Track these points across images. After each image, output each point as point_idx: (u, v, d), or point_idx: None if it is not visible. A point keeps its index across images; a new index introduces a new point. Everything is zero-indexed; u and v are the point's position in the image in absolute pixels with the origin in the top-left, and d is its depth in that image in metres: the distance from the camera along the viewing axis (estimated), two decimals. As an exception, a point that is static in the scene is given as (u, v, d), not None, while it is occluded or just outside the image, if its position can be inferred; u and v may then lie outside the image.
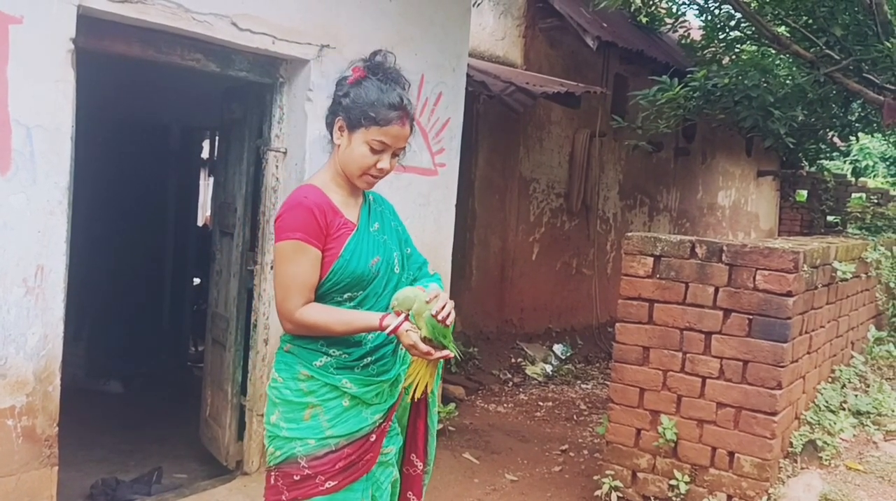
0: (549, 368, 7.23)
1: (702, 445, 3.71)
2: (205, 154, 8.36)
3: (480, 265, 7.43)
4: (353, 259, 2.14)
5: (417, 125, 2.24)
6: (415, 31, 4.34)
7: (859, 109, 8.14)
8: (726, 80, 6.52)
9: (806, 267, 3.72)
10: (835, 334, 4.62)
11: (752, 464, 3.58)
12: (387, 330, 2.08)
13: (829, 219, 11.87)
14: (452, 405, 5.33)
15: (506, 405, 6.08)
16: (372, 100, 2.12)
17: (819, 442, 3.94)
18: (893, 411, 4.51)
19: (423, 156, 4.48)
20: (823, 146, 11.47)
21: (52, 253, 3.00)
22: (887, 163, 17.19)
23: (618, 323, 3.97)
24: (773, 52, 7.27)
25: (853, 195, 12.33)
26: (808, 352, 4.04)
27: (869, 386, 4.75)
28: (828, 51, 6.41)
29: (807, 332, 3.96)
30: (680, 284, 3.78)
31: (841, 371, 4.70)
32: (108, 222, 6.16)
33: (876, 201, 11.83)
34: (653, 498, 3.82)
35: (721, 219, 11.75)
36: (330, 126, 2.22)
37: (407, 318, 2.08)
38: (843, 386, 4.58)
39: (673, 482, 3.73)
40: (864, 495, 3.65)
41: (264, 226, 4.06)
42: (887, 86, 6.20)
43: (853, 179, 12.48)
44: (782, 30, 7.09)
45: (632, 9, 8.99)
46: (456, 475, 4.43)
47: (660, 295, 3.83)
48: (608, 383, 5.16)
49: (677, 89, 6.56)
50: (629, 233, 4.01)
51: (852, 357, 4.93)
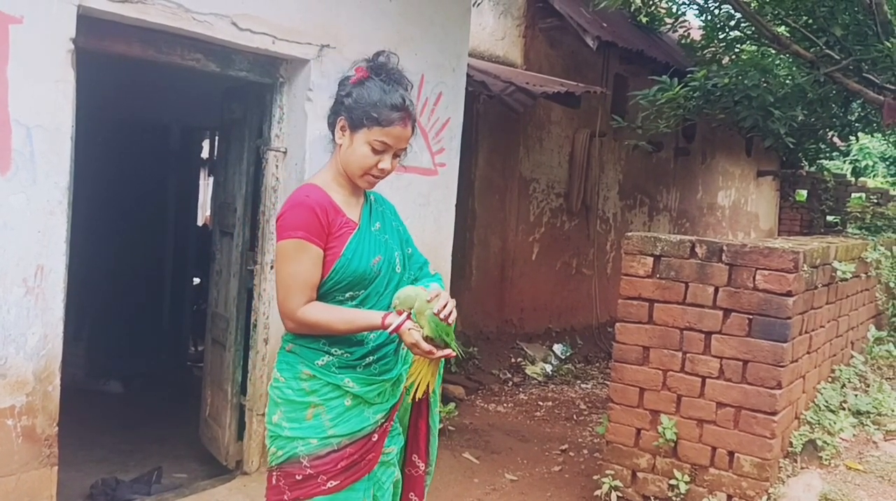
0: (549, 368, 7.24)
1: (702, 445, 3.71)
2: (205, 154, 8.36)
3: (480, 265, 7.44)
4: (355, 258, 2.14)
5: (418, 125, 2.24)
6: (415, 31, 4.35)
7: (859, 109, 8.14)
8: (726, 80, 6.52)
9: (806, 267, 3.72)
10: (835, 334, 4.62)
11: (751, 464, 3.58)
12: (389, 329, 2.08)
13: (829, 218, 11.87)
14: (452, 405, 5.33)
15: (506, 405, 6.08)
16: (374, 100, 2.12)
17: (819, 442, 3.94)
18: (893, 411, 4.51)
19: (423, 156, 4.48)
20: (823, 146, 11.48)
21: (52, 253, 3.00)
22: (887, 162, 17.18)
23: (618, 323, 3.97)
24: (773, 52, 7.27)
25: (853, 195, 12.33)
26: (808, 352, 4.05)
27: (869, 386, 4.75)
28: (828, 51, 6.41)
29: (807, 332, 3.96)
30: (680, 284, 3.78)
31: (841, 370, 4.70)
32: (108, 222, 6.17)
33: (876, 201, 11.82)
34: (653, 498, 3.82)
35: (721, 218, 11.75)
36: (332, 125, 2.22)
37: (409, 317, 2.08)
38: (843, 386, 4.58)
39: (673, 481, 3.74)
40: (864, 495, 3.65)
41: (264, 226, 4.07)
42: (887, 86, 6.20)
43: (853, 179, 12.49)
44: (782, 30, 7.09)
45: (632, 9, 8.99)
46: (456, 474, 4.43)
47: (660, 294, 3.83)
48: (608, 383, 5.15)
49: (677, 89, 6.56)
50: (629, 233, 4.01)
51: (852, 356, 4.93)
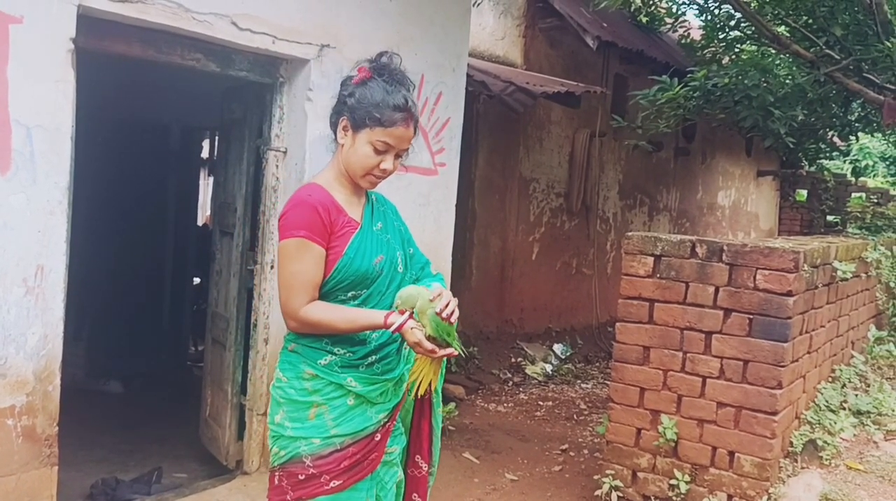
0: (549, 368, 7.24)
1: (702, 445, 3.71)
2: (205, 154, 8.36)
3: (480, 265, 7.43)
4: (357, 257, 2.14)
5: (418, 125, 2.24)
6: (415, 31, 4.34)
7: (859, 109, 8.14)
8: (726, 80, 6.52)
9: (806, 267, 3.72)
10: (835, 333, 4.62)
11: (752, 464, 3.58)
12: (391, 328, 2.08)
13: (829, 218, 11.87)
14: (452, 404, 5.33)
15: (506, 404, 6.08)
16: (377, 100, 2.12)
17: (819, 442, 3.94)
18: (894, 410, 4.51)
19: (423, 155, 4.48)
20: (823, 146, 11.48)
21: (52, 253, 3.00)
22: (887, 162, 17.18)
23: (618, 323, 3.97)
24: (773, 51, 7.27)
25: (853, 195, 12.33)
26: (809, 352, 4.04)
27: (869, 386, 4.75)
28: (828, 50, 6.41)
29: (807, 332, 3.96)
30: (680, 284, 3.77)
31: (841, 370, 4.70)
32: (108, 222, 6.17)
33: (876, 201, 11.82)
34: (653, 498, 3.82)
35: (721, 218, 11.75)
36: (334, 125, 2.22)
37: (411, 316, 2.08)
38: (844, 386, 4.58)
39: (673, 481, 3.73)
40: (865, 494, 3.65)
41: (264, 226, 4.07)
42: (887, 85, 6.20)
43: (853, 179, 12.48)
44: (782, 29, 7.09)
45: (632, 9, 8.99)
46: (456, 474, 4.43)
47: (660, 294, 3.82)
48: (608, 383, 5.15)
49: (677, 89, 6.56)
50: (629, 233, 4.01)
51: (852, 356, 4.93)
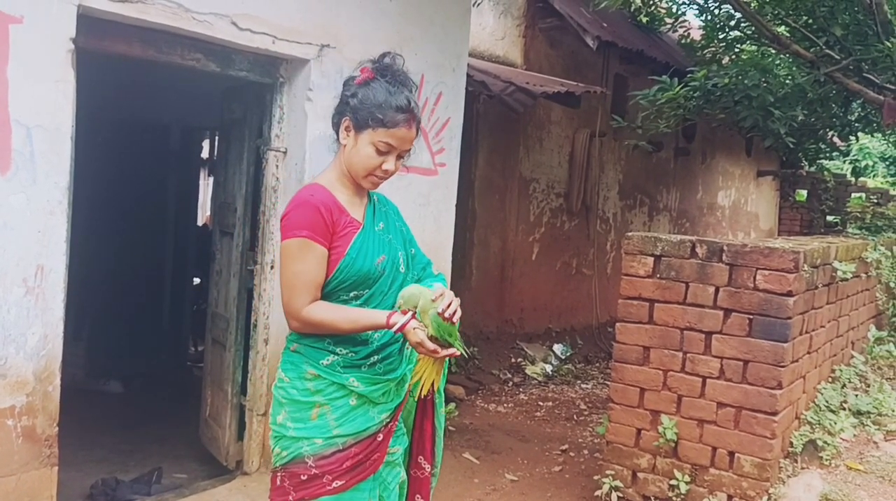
0: (549, 368, 7.23)
1: (702, 445, 3.71)
2: (205, 154, 8.36)
3: (480, 265, 7.43)
4: (360, 257, 2.14)
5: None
6: (415, 31, 4.34)
7: (859, 109, 8.14)
8: (726, 80, 6.52)
9: (806, 267, 3.72)
10: (835, 334, 4.62)
11: (752, 464, 3.58)
12: (394, 328, 2.08)
13: (829, 218, 11.87)
14: (452, 405, 5.34)
15: (506, 405, 6.08)
16: (380, 101, 2.12)
17: (819, 442, 3.94)
18: (894, 411, 4.51)
19: (423, 156, 4.48)
20: (823, 146, 11.48)
21: (52, 253, 3.00)
22: (887, 162, 17.18)
23: (618, 323, 3.97)
24: (773, 51, 7.27)
25: (853, 195, 12.33)
26: (809, 352, 4.04)
27: (869, 386, 4.75)
28: (828, 51, 6.41)
29: (807, 332, 3.96)
30: (680, 284, 3.77)
31: (841, 370, 4.69)
32: (108, 222, 6.17)
33: (876, 201, 11.82)
34: (653, 498, 3.82)
35: (721, 218, 11.75)
36: (336, 126, 2.22)
37: (413, 316, 2.08)
38: (844, 386, 4.58)
39: (673, 482, 3.73)
40: (865, 495, 3.65)
41: (264, 226, 4.06)
42: (887, 85, 6.20)
43: (853, 179, 12.48)
44: (782, 30, 7.09)
45: (632, 9, 8.99)
46: (456, 475, 4.43)
47: (660, 294, 3.82)
48: (608, 383, 5.15)
49: (677, 89, 6.56)
50: (629, 233, 4.01)
51: (852, 356, 4.93)
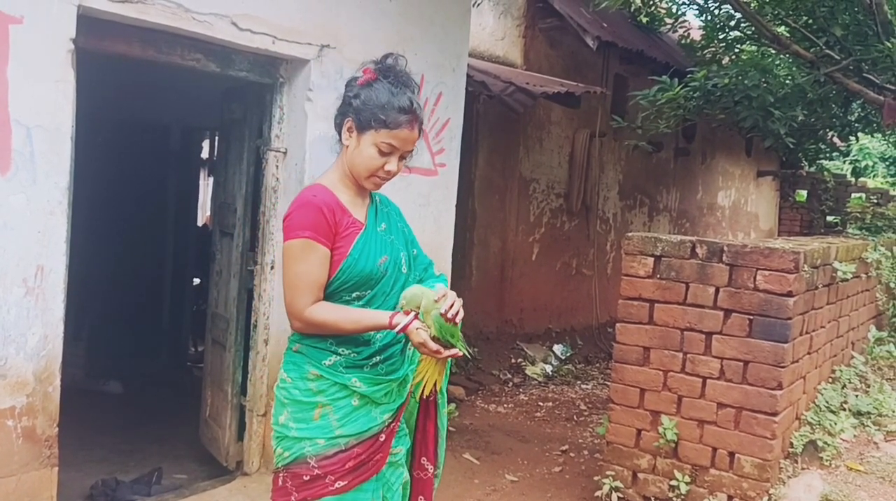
0: (549, 368, 7.23)
1: (702, 445, 3.71)
2: (205, 154, 8.36)
3: (480, 265, 7.43)
4: (362, 258, 2.14)
5: (420, 127, 2.24)
6: (415, 31, 4.34)
7: (859, 109, 8.14)
8: (726, 80, 6.52)
9: (806, 268, 3.72)
10: (835, 334, 4.62)
11: (752, 465, 3.58)
12: (396, 329, 2.08)
13: (829, 219, 11.87)
14: (452, 405, 5.33)
15: (506, 405, 6.08)
16: (382, 102, 2.12)
17: (820, 443, 3.94)
18: (894, 411, 4.51)
19: (423, 156, 4.47)
20: (823, 146, 11.47)
21: (52, 254, 2.99)
22: (887, 163, 17.19)
23: (618, 324, 3.97)
24: (773, 52, 7.27)
25: (853, 195, 12.33)
26: (809, 353, 4.04)
27: (869, 387, 4.75)
28: (828, 51, 6.41)
29: (807, 332, 3.96)
30: (680, 284, 3.77)
31: (841, 371, 4.69)
32: (108, 222, 6.17)
33: (876, 201, 11.82)
34: (653, 499, 3.81)
35: (721, 219, 11.75)
36: (339, 126, 2.22)
37: (416, 317, 2.08)
38: (844, 387, 4.58)
39: (673, 482, 3.73)
40: (865, 495, 3.65)
41: (264, 226, 4.06)
42: (887, 86, 6.20)
43: (853, 179, 12.48)
44: (782, 30, 7.09)
45: (632, 9, 8.98)
46: (456, 475, 4.43)
47: (660, 295, 3.82)
48: (608, 383, 5.15)
49: (677, 89, 6.55)
50: (629, 234, 4.01)
51: (853, 357, 4.93)
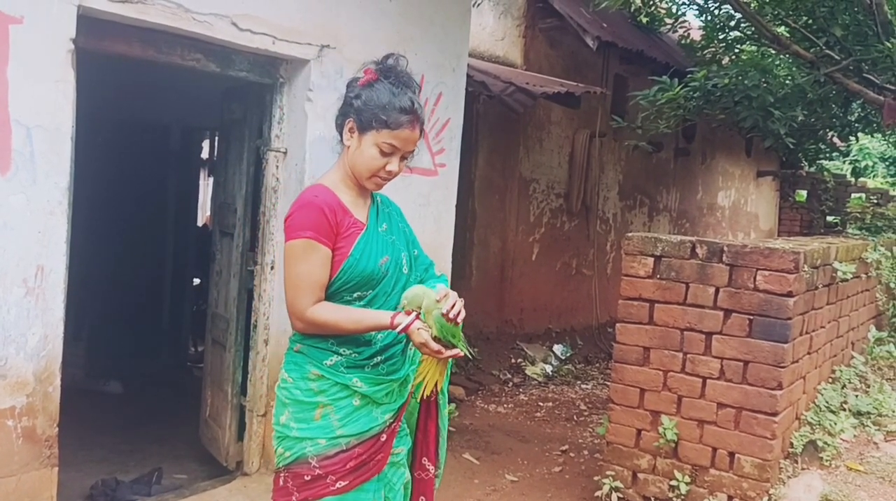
0: (549, 368, 7.23)
1: (702, 445, 3.71)
2: (205, 154, 8.36)
3: (480, 265, 7.43)
4: (363, 258, 2.15)
5: (420, 127, 2.24)
6: (415, 31, 4.34)
7: (859, 109, 8.14)
8: (726, 81, 6.51)
9: (806, 268, 3.72)
10: (835, 334, 4.62)
11: (752, 465, 3.58)
12: (398, 329, 2.09)
13: (829, 219, 11.87)
14: (452, 405, 5.33)
15: (506, 405, 6.08)
16: (383, 103, 2.13)
17: (820, 443, 3.94)
18: (894, 411, 4.51)
19: (423, 156, 4.47)
20: (823, 146, 11.48)
21: (52, 254, 2.99)
22: (887, 163, 17.20)
23: (618, 324, 3.97)
24: (773, 52, 7.27)
25: (853, 195, 12.34)
26: (809, 353, 4.04)
27: (869, 387, 4.75)
28: (828, 51, 6.41)
29: (807, 333, 3.96)
30: (680, 284, 3.77)
31: (841, 371, 4.69)
32: (108, 222, 6.17)
33: (876, 201, 11.83)
34: (653, 499, 3.81)
35: (721, 219, 11.75)
36: (340, 127, 2.22)
37: (418, 317, 2.08)
38: (844, 387, 4.58)
39: (673, 482, 3.73)
40: (865, 495, 3.65)
41: (264, 227, 4.06)
42: (887, 86, 6.20)
43: (853, 179, 12.48)
44: (782, 30, 7.09)
45: (632, 9, 8.98)
46: (456, 475, 4.43)
47: (660, 295, 3.82)
48: (608, 383, 5.15)
49: (677, 89, 6.55)
50: (629, 234, 4.01)
51: (853, 357, 4.93)
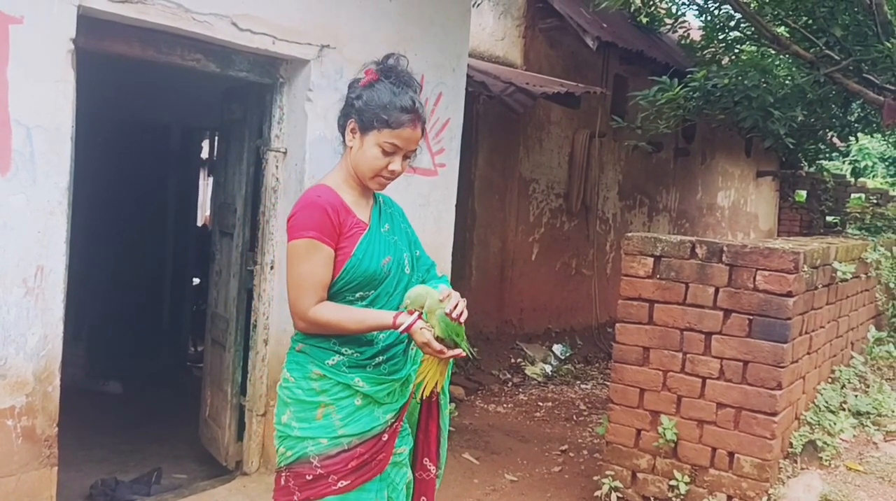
0: (548, 368, 7.24)
1: (702, 445, 3.71)
2: (205, 154, 8.36)
3: (480, 265, 7.43)
4: (366, 258, 2.15)
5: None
6: (415, 31, 4.34)
7: (859, 109, 8.15)
8: (726, 81, 6.52)
9: (806, 268, 3.72)
10: (835, 334, 4.62)
11: (752, 465, 3.58)
12: (400, 329, 2.09)
13: (829, 219, 11.88)
14: (452, 405, 5.33)
15: (505, 405, 6.08)
16: (384, 102, 2.14)
17: (819, 443, 3.94)
18: (893, 411, 4.51)
19: (423, 156, 4.46)
20: (823, 146, 11.48)
21: (52, 254, 2.99)
22: (886, 163, 17.21)
23: (618, 324, 3.97)
24: (773, 52, 7.27)
25: (852, 195, 12.34)
26: (808, 353, 4.04)
27: (869, 387, 4.75)
28: (828, 51, 6.41)
29: (807, 333, 3.96)
30: (680, 284, 3.77)
31: (841, 371, 4.70)
32: (108, 222, 6.17)
33: (875, 201, 11.84)
34: (653, 499, 3.82)
35: (720, 219, 11.75)
36: (342, 128, 2.23)
37: (420, 316, 2.09)
38: (843, 387, 4.58)
39: (673, 482, 3.73)
40: (865, 495, 3.65)
41: (264, 227, 4.06)
42: (887, 86, 6.20)
43: (852, 180, 12.49)
44: (782, 30, 7.09)
45: (632, 9, 8.98)
46: (456, 475, 4.43)
47: (660, 295, 3.82)
48: (608, 383, 5.16)
49: (677, 89, 6.55)
50: (629, 234, 4.01)
51: (852, 357, 4.93)
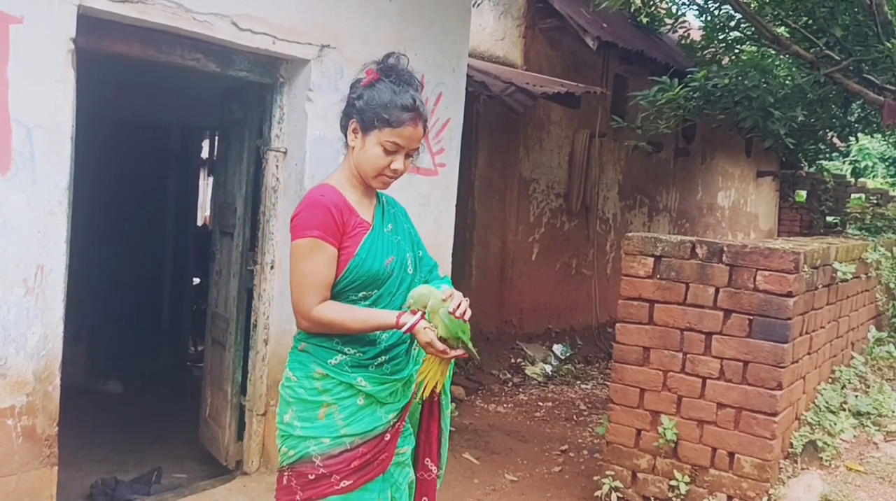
0: (548, 368, 7.24)
1: (702, 445, 3.71)
2: (205, 154, 8.36)
3: (480, 265, 7.43)
4: (369, 258, 2.16)
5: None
6: (415, 31, 4.34)
7: (859, 110, 8.15)
8: (726, 81, 6.52)
9: (806, 268, 3.72)
10: (835, 335, 4.62)
11: (752, 465, 3.58)
12: (403, 328, 2.09)
13: (829, 219, 11.88)
14: (453, 405, 5.33)
15: (505, 405, 6.08)
16: (385, 101, 2.14)
17: (819, 443, 3.94)
18: (894, 412, 4.51)
19: (423, 156, 4.46)
20: (823, 146, 11.48)
21: (52, 254, 2.99)
22: (887, 163, 17.21)
23: (618, 324, 3.97)
24: (773, 52, 7.27)
25: (852, 195, 12.34)
26: (809, 353, 4.04)
27: (869, 387, 4.75)
28: (828, 51, 6.41)
29: (807, 333, 3.96)
30: (680, 285, 3.77)
31: (841, 371, 4.70)
32: (108, 222, 6.17)
33: (875, 201, 11.84)
34: (653, 499, 3.82)
35: (720, 219, 11.75)
36: (344, 128, 2.24)
37: (423, 316, 2.09)
38: (844, 387, 4.58)
39: (673, 482, 3.73)
40: (865, 496, 3.65)
41: (264, 226, 4.06)
42: (887, 86, 6.20)
43: (853, 180, 12.49)
44: (782, 30, 7.09)
45: (632, 9, 8.98)
46: (456, 475, 4.43)
47: (660, 295, 3.82)
48: (608, 383, 5.16)
49: (677, 90, 6.55)
50: (629, 234, 4.01)
51: (852, 357, 4.93)
